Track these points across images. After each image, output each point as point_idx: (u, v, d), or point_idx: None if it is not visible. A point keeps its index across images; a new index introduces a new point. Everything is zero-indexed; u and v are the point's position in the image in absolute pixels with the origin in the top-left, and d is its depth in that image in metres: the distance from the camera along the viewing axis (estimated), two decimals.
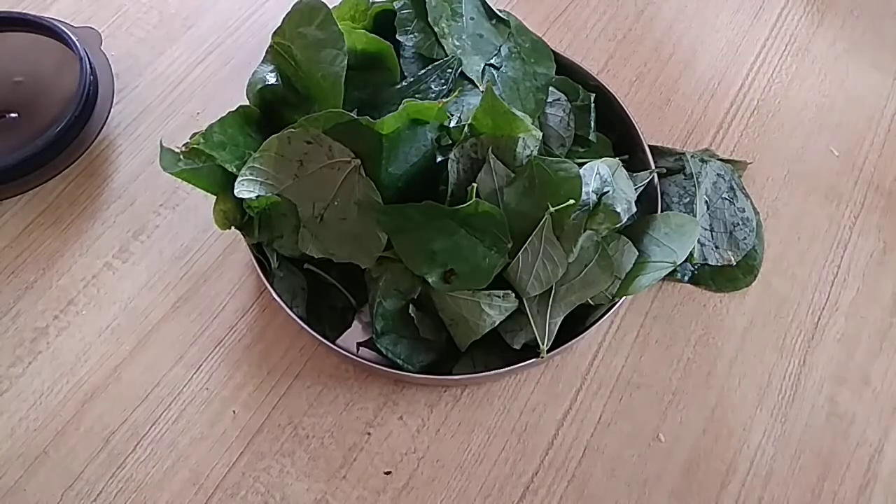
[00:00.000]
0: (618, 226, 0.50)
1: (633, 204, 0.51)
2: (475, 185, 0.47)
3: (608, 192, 0.49)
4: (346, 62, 0.49)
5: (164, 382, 0.52)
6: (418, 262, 0.47)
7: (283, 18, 0.51)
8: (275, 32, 0.51)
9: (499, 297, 0.47)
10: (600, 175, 0.50)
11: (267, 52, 0.53)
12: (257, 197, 0.47)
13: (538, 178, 0.46)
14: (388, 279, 0.49)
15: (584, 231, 0.48)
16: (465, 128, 0.48)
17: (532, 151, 0.48)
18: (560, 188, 0.46)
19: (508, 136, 0.47)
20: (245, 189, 0.47)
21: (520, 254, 0.46)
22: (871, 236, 0.61)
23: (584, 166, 0.50)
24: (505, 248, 0.46)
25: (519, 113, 0.48)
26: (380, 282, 0.49)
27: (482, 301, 0.46)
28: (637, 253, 0.50)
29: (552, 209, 0.46)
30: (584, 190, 0.48)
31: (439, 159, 0.50)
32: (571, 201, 0.46)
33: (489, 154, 0.47)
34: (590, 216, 0.48)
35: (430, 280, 0.46)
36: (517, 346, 0.49)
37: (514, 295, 0.47)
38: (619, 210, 0.49)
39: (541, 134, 0.49)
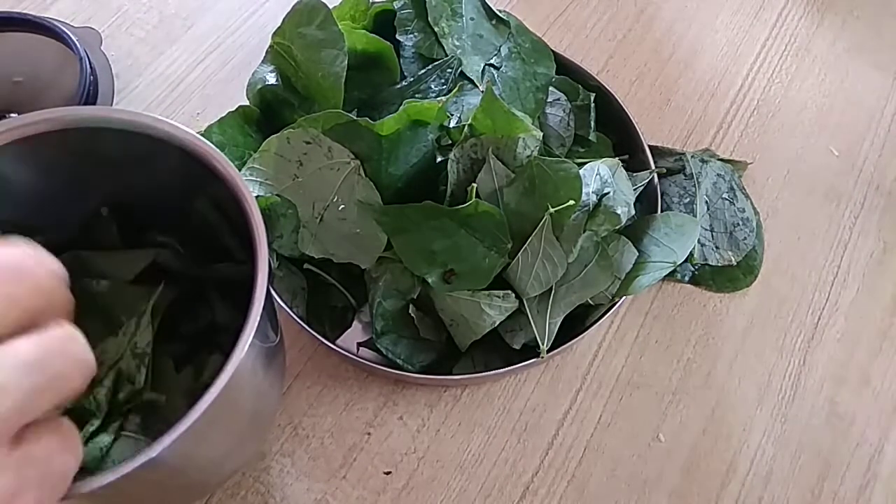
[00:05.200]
0: (617, 227, 0.50)
1: (633, 206, 0.51)
2: (475, 185, 0.47)
3: (608, 193, 0.49)
4: (346, 62, 0.49)
5: None
6: (418, 262, 0.47)
7: (283, 18, 0.51)
8: (275, 32, 0.51)
9: (499, 297, 0.47)
10: (600, 176, 0.50)
11: (267, 52, 0.53)
12: (257, 197, 0.47)
13: (538, 179, 0.46)
14: (388, 279, 0.49)
15: (584, 232, 0.48)
16: (465, 128, 0.48)
17: (532, 152, 0.48)
18: (560, 188, 0.46)
19: (508, 136, 0.47)
20: None
21: (519, 254, 0.46)
22: (871, 236, 0.61)
23: (585, 167, 0.50)
24: (505, 249, 0.46)
25: (519, 113, 0.48)
26: (380, 282, 0.49)
27: (482, 301, 0.46)
28: (637, 253, 0.50)
29: (552, 210, 0.46)
30: (584, 191, 0.48)
31: (439, 159, 0.50)
32: (571, 202, 0.46)
33: (489, 154, 0.47)
34: (590, 217, 0.48)
35: (430, 280, 0.46)
36: (517, 346, 0.49)
37: (514, 295, 0.47)
38: (619, 212, 0.49)
39: (541, 134, 0.49)
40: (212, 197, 0.36)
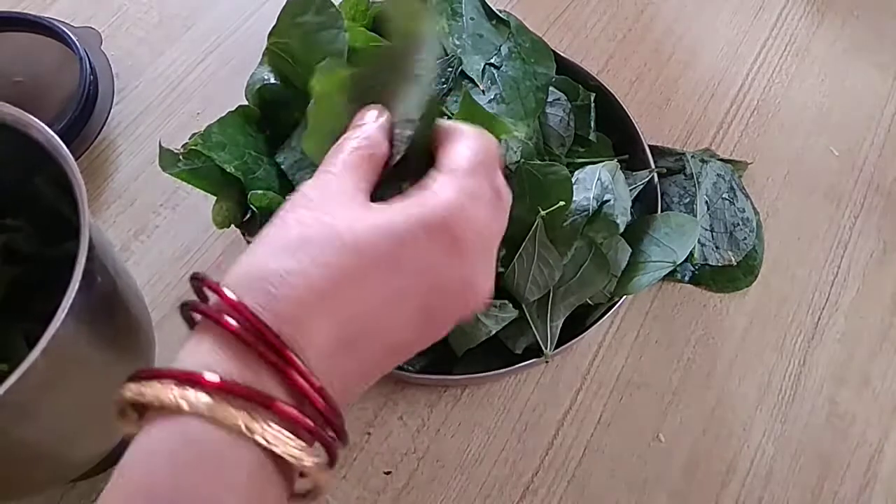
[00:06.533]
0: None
1: (629, 211, 0.51)
2: None
3: (609, 200, 0.49)
4: (347, 39, 0.48)
5: None
6: None
7: (279, 15, 0.51)
8: (270, 33, 0.51)
9: (496, 307, 0.46)
10: (601, 181, 0.49)
11: (263, 54, 0.53)
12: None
13: (528, 183, 0.46)
14: None
15: (582, 236, 0.48)
16: None
17: (517, 152, 0.48)
18: (551, 191, 0.46)
19: None
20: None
21: (515, 260, 0.46)
22: (871, 236, 0.61)
23: (586, 170, 0.50)
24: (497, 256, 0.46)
25: (499, 116, 0.48)
26: None
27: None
28: (629, 249, 0.50)
29: (542, 213, 0.46)
30: (584, 195, 0.48)
31: None
32: (562, 203, 0.46)
33: None
34: (588, 222, 0.48)
35: None
36: (518, 351, 0.48)
37: (511, 305, 0.47)
38: (618, 222, 0.49)
39: (522, 134, 0.49)
40: (48, 173, 0.37)
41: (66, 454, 0.40)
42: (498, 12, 0.58)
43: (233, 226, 0.49)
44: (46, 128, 0.35)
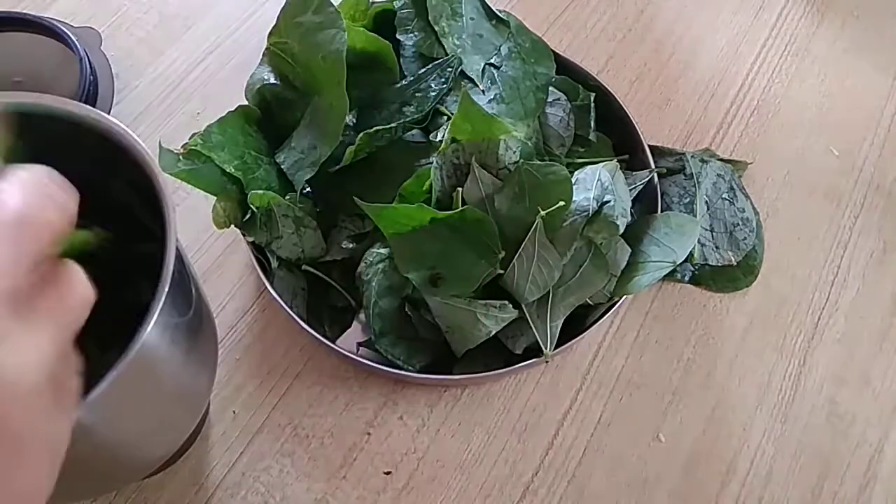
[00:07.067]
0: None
1: (629, 211, 0.51)
2: (459, 189, 0.47)
3: (609, 201, 0.49)
4: (346, 39, 0.48)
5: None
6: (406, 261, 0.47)
7: (278, 16, 0.51)
8: (270, 33, 0.52)
9: (495, 307, 0.46)
10: (601, 182, 0.49)
11: (263, 54, 0.53)
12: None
13: (528, 184, 0.47)
14: (380, 279, 0.49)
15: (582, 237, 0.48)
16: (446, 134, 0.48)
17: (515, 153, 0.48)
18: (551, 192, 0.46)
19: (489, 139, 0.47)
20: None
21: (514, 260, 0.46)
22: (871, 236, 0.61)
23: (586, 170, 0.50)
24: (496, 259, 0.46)
25: (498, 116, 0.48)
26: (372, 283, 0.49)
27: (478, 311, 0.46)
28: (629, 249, 0.50)
29: (542, 213, 0.46)
30: (584, 196, 0.48)
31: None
32: (562, 203, 0.46)
33: (473, 163, 0.47)
34: (588, 223, 0.48)
35: (413, 280, 0.46)
36: (518, 351, 0.48)
37: (511, 305, 0.47)
38: (618, 223, 0.49)
39: (522, 134, 0.49)
40: (126, 178, 0.37)
41: (142, 453, 0.40)
42: (498, 12, 0.58)
43: (233, 226, 0.49)
44: (127, 129, 0.35)
